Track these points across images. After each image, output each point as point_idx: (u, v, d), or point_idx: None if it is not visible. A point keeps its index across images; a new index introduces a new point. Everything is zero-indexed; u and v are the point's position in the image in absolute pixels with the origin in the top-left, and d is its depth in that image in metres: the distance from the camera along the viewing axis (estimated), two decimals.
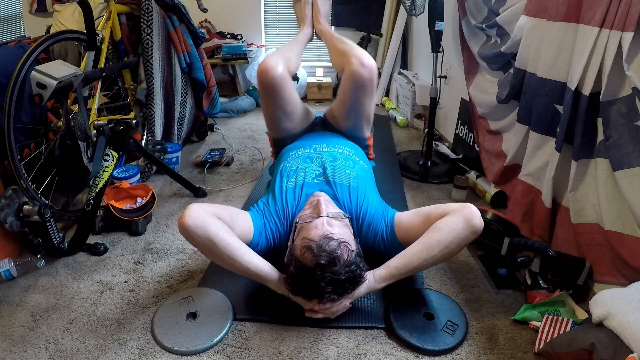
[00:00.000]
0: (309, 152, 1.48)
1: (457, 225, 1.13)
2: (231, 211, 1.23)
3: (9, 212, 1.34)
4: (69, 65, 1.44)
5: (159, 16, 2.07)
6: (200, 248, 1.15)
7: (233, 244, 1.13)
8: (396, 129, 2.88)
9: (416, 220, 1.23)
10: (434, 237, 1.13)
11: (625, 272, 1.15)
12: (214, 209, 1.17)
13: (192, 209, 1.12)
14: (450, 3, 2.15)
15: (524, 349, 1.09)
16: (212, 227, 1.11)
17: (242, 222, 1.23)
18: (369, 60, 1.39)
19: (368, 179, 1.43)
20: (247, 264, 1.14)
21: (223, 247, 1.11)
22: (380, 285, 1.16)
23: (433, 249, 1.13)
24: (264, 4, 3.73)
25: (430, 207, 1.24)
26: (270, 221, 1.28)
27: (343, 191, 1.32)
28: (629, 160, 1.11)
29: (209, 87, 2.46)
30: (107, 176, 1.47)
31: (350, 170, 1.39)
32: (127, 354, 1.08)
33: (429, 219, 1.19)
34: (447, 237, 1.12)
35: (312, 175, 1.37)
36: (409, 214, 1.28)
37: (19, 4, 3.64)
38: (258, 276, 1.17)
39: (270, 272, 1.17)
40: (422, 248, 1.14)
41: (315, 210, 1.20)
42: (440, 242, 1.12)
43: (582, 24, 1.23)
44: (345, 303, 1.14)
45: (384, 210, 1.31)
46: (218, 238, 1.11)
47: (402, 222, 1.25)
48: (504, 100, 1.67)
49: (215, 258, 1.16)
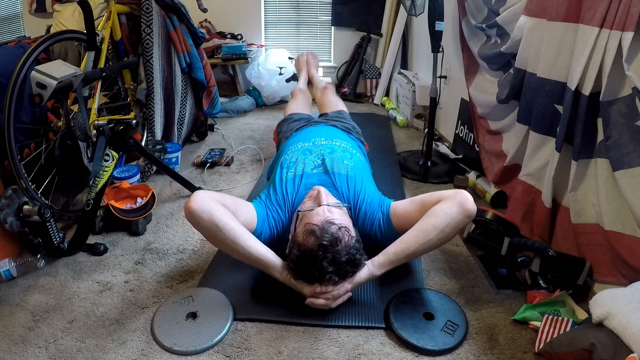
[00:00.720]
0: (308, 145, 1.54)
1: (451, 209, 1.17)
2: (236, 200, 1.28)
3: (9, 212, 1.34)
4: (69, 65, 1.44)
5: (159, 16, 2.07)
6: (205, 233, 1.18)
7: (237, 229, 1.17)
8: (396, 129, 2.88)
9: (411, 208, 1.27)
10: (430, 222, 1.17)
11: (625, 272, 1.15)
12: (219, 196, 1.22)
13: (198, 195, 1.17)
14: (450, 3, 2.15)
15: (524, 349, 1.09)
16: (217, 212, 1.15)
17: (245, 211, 1.27)
18: None
19: (365, 169, 1.50)
20: (250, 249, 1.17)
21: (227, 232, 1.15)
22: (379, 271, 1.19)
23: (429, 233, 1.17)
24: (264, 4, 3.73)
25: (424, 194, 1.29)
26: (273, 210, 1.32)
27: (341, 180, 1.37)
28: (629, 160, 1.11)
29: (209, 87, 2.46)
30: (107, 176, 1.47)
31: (347, 161, 1.45)
32: (127, 354, 1.08)
33: (423, 206, 1.23)
34: (442, 221, 1.16)
35: (311, 166, 1.42)
36: (404, 202, 1.32)
37: (19, 4, 3.64)
38: (261, 262, 1.19)
39: (273, 259, 1.20)
40: (418, 233, 1.18)
41: (315, 200, 1.25)
42: (436, 227, 1.16)
43: (582, 24, 1.23)
44: (347, 287, 1.15)
45: (380, 199, 1.36)
46: (222, 222, 1.15)
47: (397, 210, 1.30)
48: (504, 100, 1.67)
49: (219, 243, 1.19)
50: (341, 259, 1.09)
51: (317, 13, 3.73)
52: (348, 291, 1.17)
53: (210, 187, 2.00)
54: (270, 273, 1.20)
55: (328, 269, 1.09)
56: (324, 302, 1.14)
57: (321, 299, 1.14)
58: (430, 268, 1.41)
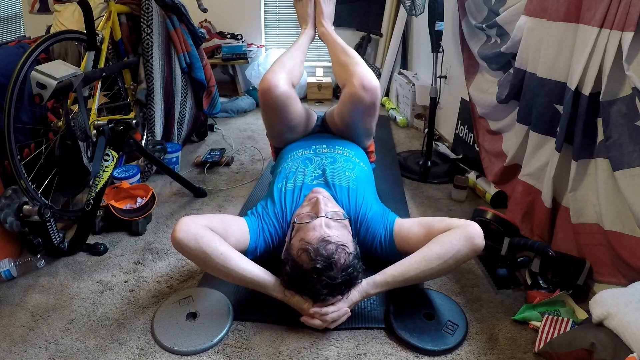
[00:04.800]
0: (308, 153, 1.47)
1: (458, 241, 1.12)
2: (224, 219, 1.22)
3: (9, 212, 1.34)
4: (69, 65, 1.44)
5: (159, 16, 2.07)
6: (195, 260, 1.14)
7: (226, 253, 1.12)
8: (396, 129, 2.88)
9: (417, 230, 1.21)
10: (434, 251, 1.12)
11: (625, 272, 1.15)
12: (205, 220, 1.16)
13: (182, 222, 1.11)
14: (450, 3, 2.15)
15: (524, 349, 1.09)
16: (204, 238, 1.10)
17: (236, 229, 1.22)
18: (372, 82, 1.33)
19: (368, 181, 1.42)
20: (243, 271, 1.13)
21: (216, 257, 1.10)
22: (373, 290, 1.14)
23: (432, 262, 1.12)
24: (264, 4, 3.73)
25: (433, 218, 1.23)
26: (269, 224, 1.27)
27: (342, 193, 1.31)
28: (629, 160, 1.11)
29: (209, 87, 2.46)
30: (107, 176, 1.47)
31: (349, 172, 1.38)
32: (127, 354, 1.08)
33: (430, 231, 1.18)
34: (447, 252, 1.11)
35: (311, 177, 1.36)
36: (410, 222, 1.26)
37: (19, 4, 3.64)
38: (255, 282, 1.14)
39: (267, 278, 1.15)
40: (420, 259, 1.13)
41: (313, 209, 1.19)
42: (440, 257, 1.11)
43: (582, 24, 1.23)
44: (345, 309, 1.12)
45: (384, 214, 1.30)
46: (210, 248, 1.10)
47: (402, 229, 1.24)
48: (504, 100, 1.67)
49: (211, 269, 1.14)
50: (336, 282, 1.05)
51: None
52: (347, 314, 1.13)
53: (210, 187, 2.00)
54: (267, 293, 1.15)
55: (322, 292, 1.05)
56: (320, 324, 1.10)
57: (317, 320, 1.10)
58: None
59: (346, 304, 1.12)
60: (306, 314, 1.12)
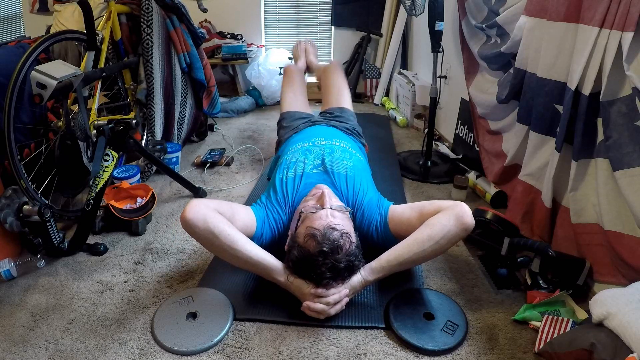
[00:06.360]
0: (307, 145, 1.55)
1: (448, 222, 1.16)
2: (233, 206, 1.28)
3: (9, 212, 1.34)
4: (69, 65, 1.44)
5: (159, 16, 2.07)
6: (202, 241, 1.18)
7: (234, 235, 1.16)
8: (396, 129, 2.88)
9: (409, 214, 1.27)
10: (425, 233, 1.17)
11: (625, 272, 1.15)
12: (215, 204, 1.21)
13: (193, 203, 1.16)
14: (450, 3, 2.15)
15: (524, 349, 1.09)
16: (212, 219, 1.15)
17: (244, 215, 1.27)
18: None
19: (364, 170, 1.50)
20: (249, 253, 1.17)
21: (224, 238, 1.14)
22: (372, 277, 1.18)
23: (424, 243, 1.16)
24: (264, 4, 3.73)
25: (424, 202, 1.28)
26: (273, 211, 1.33)
27: (341, 180, 1.38)
28: (629, 160, 1.11)
29: (209, 87, 2.46)
30: (107, 176, 1.47)
31: (347, 161, 1.46)
32: (127, 354, 1.08)
33: (422, 214, 1.23)
34: (438, 233, 1.16)
35: (311, 166, 1.43)
36: (403, 207, 1.32)
37: (19, 4, 3.64)
38: (261, 265, 1.18)
39: (272, 261, 1.19)
40: (412, 242, 1.18)
41: (319, 201, 1.24)
42: (431, 238, 1.16)
43: (582, 24, 1.23)
44: (345, 292, 1.14)
45: (379, 200, 1.36)
46: (218, 229, 1.14)
47: (395, 214, 1.30)
48: (504, 100, 1.67)
49: (217, 251, 1.19)
50: (340, 266, 1.10)
51: (317, 13, 3.73)
52: (345, 300, 1.15)
53: (210, 187, 2.00)
54: (271, 277, 1.19)
55: (326, 274, 1.09)
56: (322, 307, 1.12)
57: (319, 304, 1.12)
58: (430, 268, 1.41)
59: (346, 287, 1.15)
60: (308, 297, 1.14)
